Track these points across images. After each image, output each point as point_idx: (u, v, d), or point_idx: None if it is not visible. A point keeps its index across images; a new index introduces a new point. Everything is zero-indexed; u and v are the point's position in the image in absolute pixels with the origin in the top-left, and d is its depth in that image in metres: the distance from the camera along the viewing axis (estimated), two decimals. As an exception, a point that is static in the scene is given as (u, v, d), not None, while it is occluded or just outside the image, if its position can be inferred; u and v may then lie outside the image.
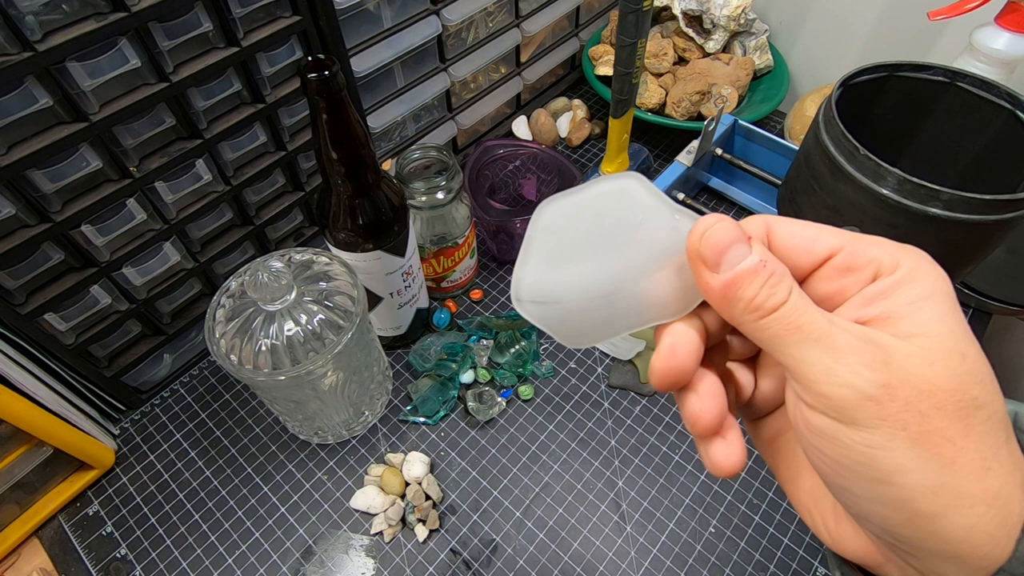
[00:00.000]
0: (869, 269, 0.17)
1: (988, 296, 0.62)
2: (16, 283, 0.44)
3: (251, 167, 0.55)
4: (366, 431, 0.56)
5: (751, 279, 0.17)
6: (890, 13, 0.75)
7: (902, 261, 0.17)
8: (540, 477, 0.53)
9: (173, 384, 0.60)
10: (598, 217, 0.19)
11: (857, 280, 0.17)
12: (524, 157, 0.68)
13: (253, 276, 0.41)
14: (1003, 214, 0.42)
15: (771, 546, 0.49)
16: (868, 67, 0.51)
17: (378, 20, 0.57)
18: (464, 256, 0.61)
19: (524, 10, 0.71)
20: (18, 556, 0.50)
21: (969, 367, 0.16)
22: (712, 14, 0.75)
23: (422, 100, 0.65)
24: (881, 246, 0.17)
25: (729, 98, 0.74)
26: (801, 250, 0.18)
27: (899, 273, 0.17)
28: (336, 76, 0.38)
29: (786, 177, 0.57)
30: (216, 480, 0.54)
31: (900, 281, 0.17)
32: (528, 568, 0.49)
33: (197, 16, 0.45)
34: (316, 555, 0.49)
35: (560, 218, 0.20)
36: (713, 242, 0.17)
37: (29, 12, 0.37)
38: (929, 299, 0.16)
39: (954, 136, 0.53)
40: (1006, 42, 0.55)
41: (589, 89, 0.88)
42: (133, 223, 0.48)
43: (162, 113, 0.47)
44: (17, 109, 0.39)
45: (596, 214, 0.19)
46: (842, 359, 0.16)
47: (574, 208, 0.20)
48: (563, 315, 0.20)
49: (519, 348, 0.59)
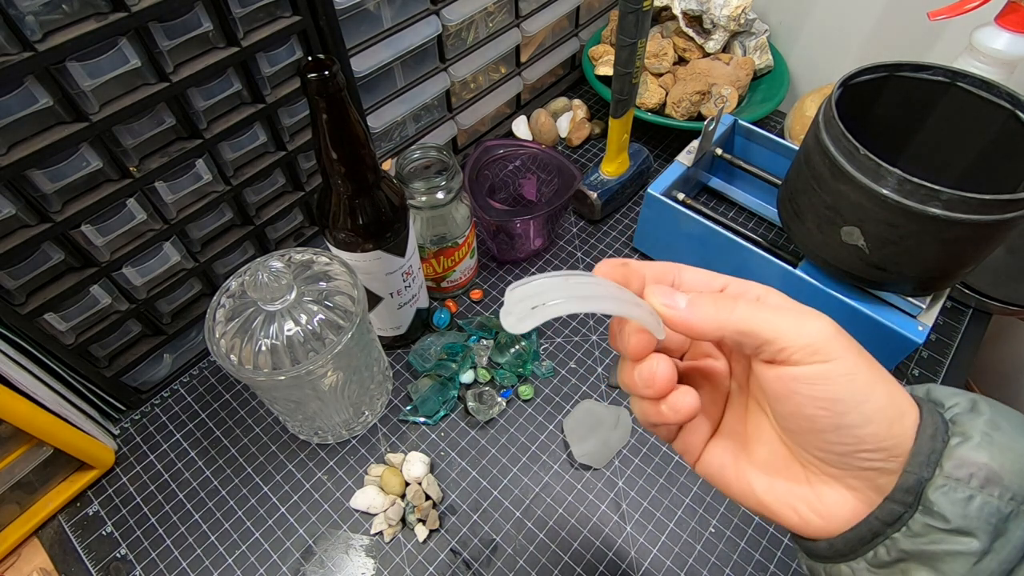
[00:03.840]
0: (752, 292, 0.25)
1: (988, 296, 0.62)
2: (16, 283, 0.44)
3: (251, 167, 0.55)
4: (366, 431, 0.56)
5: (701, 301, 0.23)
6: (890, 13, 0.75)
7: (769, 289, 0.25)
8: (540, 477, 0.53)
9: (173, 384, 0.60)
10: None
11: (745, 299, 0.24)
12: (524, 157, 0.68)
13: (253, 276, 0.41)
14: (1003, 214, 0.42)
15: (771, 546, 0.49)
16: (868, 67, 0.51)
17: (378, 20, 0.57)
18: (464, 256, 0.61)
19: (524, 10, 0.71)
20: (18, 556, 0.50)
21: (827, 321, 0.22)
22: (712, 14, 0.75)
23: (422, 100, 0.65)
24: (745, 282, 0.25)
25: (729, 98, 0.74)
26: (705, 285, 0.25)
27: (759, 287, 0.25)
28: (336, 76, 0.38)
29: (786, 177, 0.57)
30: (216, 480, 0.54)
31: (758, 290, 0.25)
32: (528, 568, 0.49)
33: (197, 16, 0.45)
34: (316, 555, 0.49)
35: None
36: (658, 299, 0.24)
37: (29, 12, 0.37)
38: (770, 293, 0.24)
39: (954, 136, 0.53)
40: (1006, 42, 0.55)
41: (589, 89, 0.88)
42: (133, 223, 0.48)
43: (162, 113, 0.47)
44: (17, 109, 0.39)
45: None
46: (804, 322, 0.22)
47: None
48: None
49: (519, 348, 0.59)
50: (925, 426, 0.21)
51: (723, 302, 0.23)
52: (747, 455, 0.26)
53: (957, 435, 0.21)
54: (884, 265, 0.49)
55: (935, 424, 0.21)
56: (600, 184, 0.70)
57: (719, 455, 0.27)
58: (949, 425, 0.22)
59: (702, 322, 0.23)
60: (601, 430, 0.55)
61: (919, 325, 0.51)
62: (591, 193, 0.69)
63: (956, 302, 0.65)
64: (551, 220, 0.67)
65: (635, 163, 0.72)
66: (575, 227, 0.73)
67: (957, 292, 0.64)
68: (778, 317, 0.22)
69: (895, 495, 0.21)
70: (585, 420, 0.55)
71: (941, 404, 0.23)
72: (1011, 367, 0.85)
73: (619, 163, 0.70)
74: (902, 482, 0.21)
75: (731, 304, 0.23)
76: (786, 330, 0.21)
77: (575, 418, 0.56)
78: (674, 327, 0.23)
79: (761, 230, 0.72)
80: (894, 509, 0.21)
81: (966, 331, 0.63)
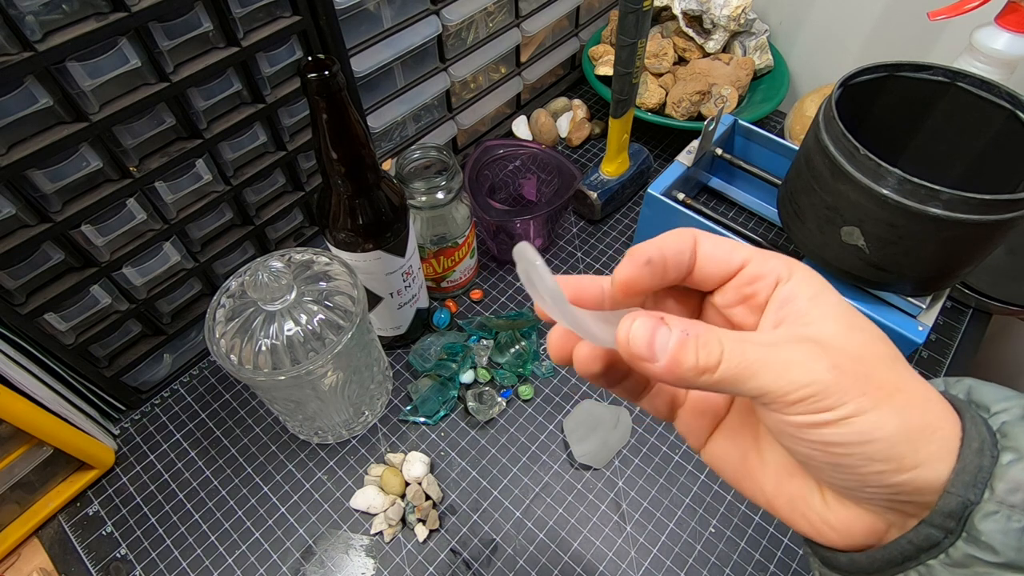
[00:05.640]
0: (772, 276, 0.21)
1: (988, 296, 0.62)
2: (16, 283, 0.44)
3: (251, 167, 0.55)
4: (366, 431, 0.56)
5: (684, 351, 0.19)
6: (890, 13, 0.75)
7: (794, 268, 0.21)
8: (540, 477, 0.53)
9: (173, 384, 0.60)
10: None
11: (765, 284, 0.21)
12: (524, 157, 0.68)
13: (253, 276, 0.41)
14: (1003, 214, 0.42)
15: (771, 546, 0.49)
16: (868, 67, 0.51)
17: (378, 20, 0.57)
18: (464, 256, 0.61)
19: (524, 10, 0.71)
20: (18, 556, 0.50)
21: (868, 334, 0.20)
22: (712, 14, 0.75)
23: (422, 100, 0.65)
24: (776, 257, 0.22)
25: (729, 98, 0.74)
26: (721, 261, 0.22)
27: (795, 277, 0.21)
28: (336, 76, 0.38)
29: (786, 177, 0.57)
30: (216, 480, 0.54)
31: (798, 283, 0.21)
32: (528, 568, 0.49)
33: (197, 16, 0.45)
34: (316, 555, 0.49)
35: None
36: (638, 342, 0.20)
37: (29, 12, 0.37)
38: (820, 295, 0.20)
39: (954, 136, 0.53)
40: (1006, 42, 0.55)
41: (589, 89, 0.88)
42: (133, 223, 0.48)
43: (162, 113, 0.47)
44: (17, 109, 0.39)
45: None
46: (792, 368, 0.18)
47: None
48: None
49: (519, 348, 0.59)
50: (969, 438, 0.18)
51: (705, 357, 0.19)
52: (758, 452, 0.23)
53: (1009, 451, 0.18)
54: (884, 265, 0.49)
55: (981, 436, 0.18)
56: (600, 184, 0.70)
57: (725, 447, 0.25)
58: (998, 437, 0.19)
59: (679, 382, 0.20)
60: (601, 430, 0.55)
61: (919, 325, 0.51)
62: (591, 193, 0.69)
63: (956, 302, 0.65)
64: (551, 220, 0.67)
65: (635, 163, 0.72)
66: (575, 227, 0.73)
67: (957, 292, 0.64)
68: (767, 363, 0.19)
69: (934, 519, 0.18)
70: (585, 420, 0.55)
71: (986, 408, 0.20)
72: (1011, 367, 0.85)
73: (619, 163, 0.70)
74: (943, 504, 0.18)
75: (714, 354, 0.19)
76: (773, 381, 0.18)
77: (575, 418, 0.56)
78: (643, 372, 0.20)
79: (761, 230, 0.72)
80: (932, 534, 0.18)
81: (966, 331, 0.63)
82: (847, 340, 0.19)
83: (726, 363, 0.19)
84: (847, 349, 0.19)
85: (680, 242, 0.22)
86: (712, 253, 0.22)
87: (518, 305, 0.65)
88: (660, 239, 0.22)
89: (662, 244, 0.22)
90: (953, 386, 0.21)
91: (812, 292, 0.20)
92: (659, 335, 0.19)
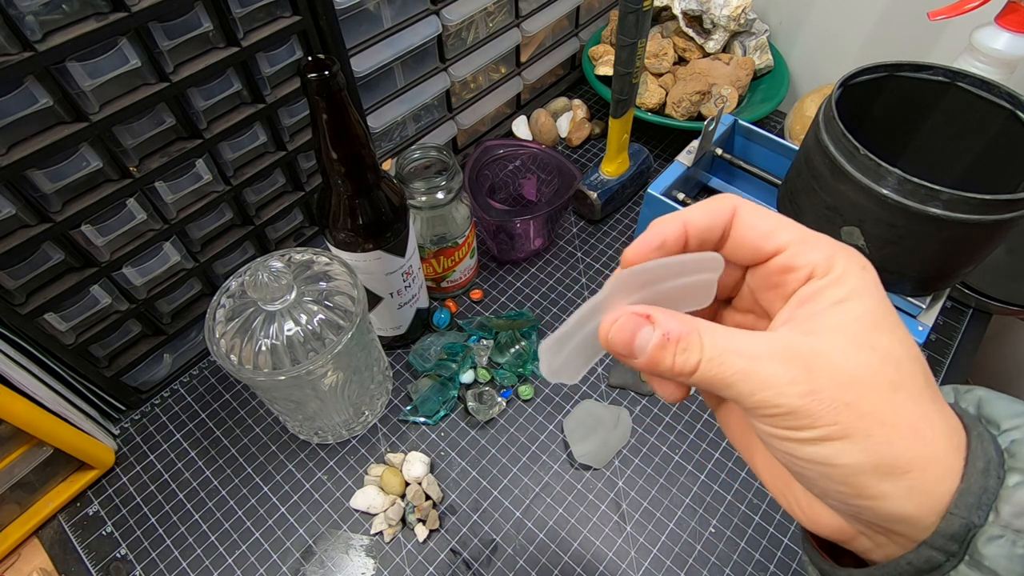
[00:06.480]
0: (805, 270, 0.20)
1: (988, 296, 0.62)
2: (16, 283, 0.44)
3: (251, 167, 0.55)
4: (366, 431, 0.56)
5: (663, 353, 0.19)
6: (890, 13, 0.75)
7: (836, 264, 0.19)
8: (540, 477, 0.53)
9: (173, 384, 0.60)
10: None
11: (795, 278, 0.20)
12: (524, 157, 0.68)
13: (253, 276, 0.41)
14: (1003, 214, 0.42)
15: (771, 546, 0.49)
16: (868, 67, 0.51)
17: (378, 20, 0.57)
18: (464, 256, 0.61)
19: (524, 10, 0.71)
20: (18, 556, 0.50)
21: (882, 355, 0.18)
22: (712, 14, 0.75)
23: (422, 100, 0.65)
24: (820, 248, 0.20)
25: (729, 98, 0.74)
26: (755, 243, 0.21)
27: (830, 276, 0.19)
28: (336, 76, 0.38)
29: (786, 177, 0.57)
30: (216, 480, 0.54)
31: (828, 284, 0.19)
32: (528, 568, 0.49)
33: (197, 16, 0.45)
34: (316, 555, 0.49)
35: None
36: (618, 340, 0.20)
37: (29, 12, 0.37)
38: (849, 300, 0.19)
39: (954, 136, 0.53)
40: (1006, 42, 0.55)
41: (589, 89, 0.88)
42: (133, 223, 0.48)
43: (162, 113, 0.47)
44: (17, 109, 0.39)
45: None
46: (767, 388, 0.18)
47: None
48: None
49: (519, 348, 0.59)
50: (975, 457, 0.18)
51: (682, 362, 0.19)
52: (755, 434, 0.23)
53: (1016, 472, 0.17)
54: (884, 265, 0.49)
55: (987, 456, 0.18)
56: (600, 184, 0.70)
57: (731, 416, 0.24)
58: (1005, 456, 0.18)
59: (663, 377, 0.20)
60: (601, 430, 0.55)
61: (919, 325, 0.51)
62: (591, 193, 0.69)
63: (956, 302, 0.65)
64: (551, 220, 0.67)
65: (635, 163, 0.72)
66: (575, 227, 0.73)
67: (957, 292, 0.64)
68: (745, 377, 0.18)
69: (935, 540, 0.18)
70: (585, 420, 0.55)
71: (996, 424, 0.19)
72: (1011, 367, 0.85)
73: (619, 163, 0.70)
74: (945, 526, 0.17)
75: (691, 360, 0.19)
76: (748, 395, 0.18)
77: (575, 418, 0.56)
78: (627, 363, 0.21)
79: (761, 230, 0.71)
80: (933, 557, 0.18)
81: (966, 331, 0.63)
82: (848, 359, 0.18)
83: (702, 371, 0.19)
84: (842, 370, 0.18)
85: (713, 217, 0.21)
86: (745, 236, 0.21)
87: (518, 305, 0.65)
88: (692, 211, 0.21)
89: (690, 220, 0.21)
90: (963, 396, 0.21)
91: (842, 295, 0.19)
92: (640, 335, 0.20)
